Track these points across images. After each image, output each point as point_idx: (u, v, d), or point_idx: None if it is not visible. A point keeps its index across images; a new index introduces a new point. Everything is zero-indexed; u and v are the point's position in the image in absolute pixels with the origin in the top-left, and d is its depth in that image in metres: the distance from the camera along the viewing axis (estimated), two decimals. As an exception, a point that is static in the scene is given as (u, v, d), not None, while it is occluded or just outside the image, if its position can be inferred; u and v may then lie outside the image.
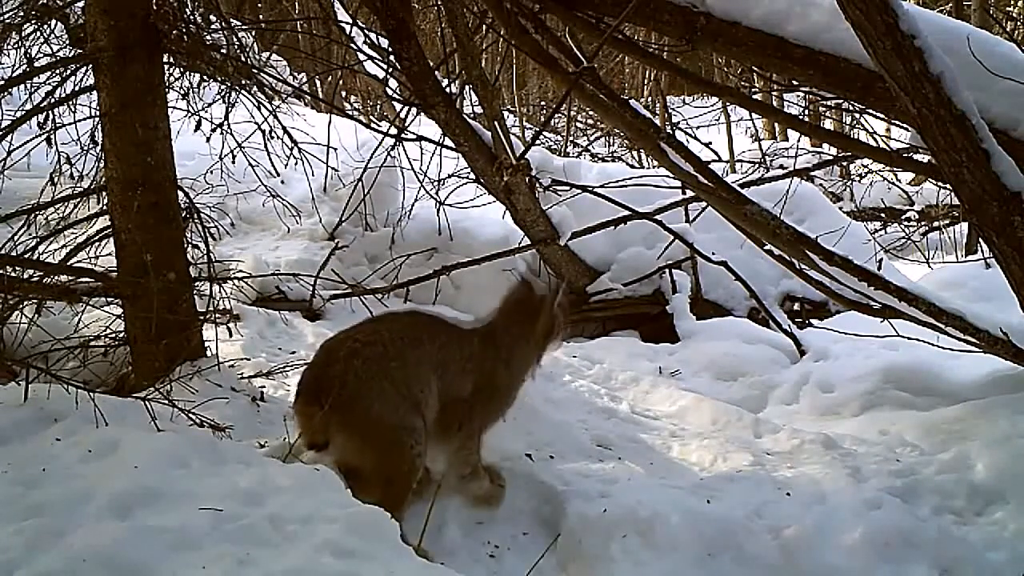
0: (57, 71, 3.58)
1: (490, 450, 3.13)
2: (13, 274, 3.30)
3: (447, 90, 5.37)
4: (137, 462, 2.34)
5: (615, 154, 12.35)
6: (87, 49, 3.36)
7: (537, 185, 5.57)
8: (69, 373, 3.28)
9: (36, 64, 3.58)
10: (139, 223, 3.36)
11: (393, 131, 5.92)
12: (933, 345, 4.07)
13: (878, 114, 4.32)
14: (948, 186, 3.59)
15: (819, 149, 10.85)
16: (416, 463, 2.79)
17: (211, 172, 4.73)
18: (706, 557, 2.82)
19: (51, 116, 3.62)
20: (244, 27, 5.03)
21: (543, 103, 14.42)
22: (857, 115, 7.06)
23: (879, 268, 3.97)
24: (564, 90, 4.68)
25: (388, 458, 2.76)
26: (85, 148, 3.86)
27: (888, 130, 9.55)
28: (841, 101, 4.77)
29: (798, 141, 11.10)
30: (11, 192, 3.98)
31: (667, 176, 5.32)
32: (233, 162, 4.45)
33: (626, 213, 5.77)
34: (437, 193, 5.97)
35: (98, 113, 3.45)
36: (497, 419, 3.18)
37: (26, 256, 3.52)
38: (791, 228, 3.85)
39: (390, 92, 6.23)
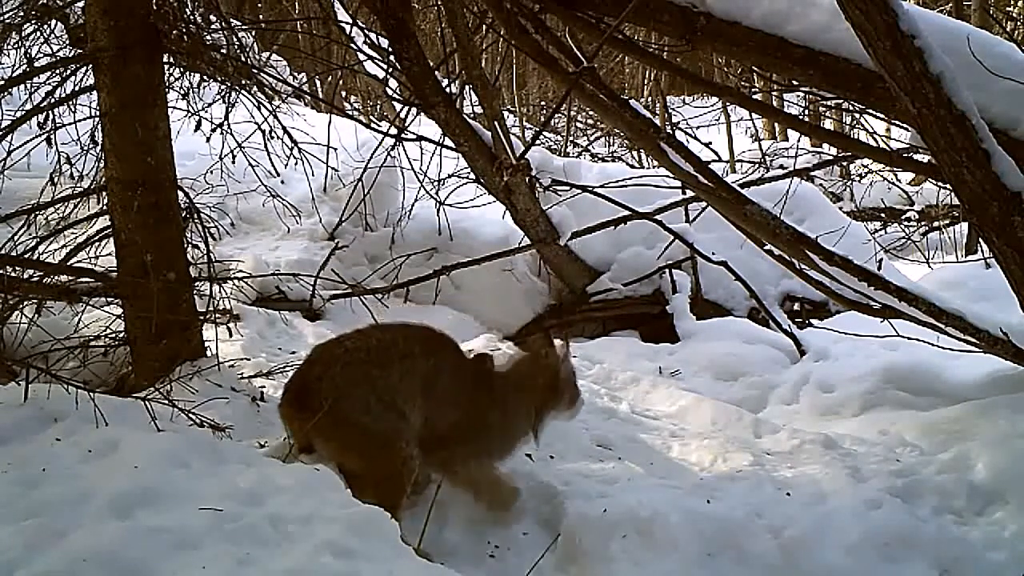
0: (57, 71, 3.58)
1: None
2: (13, 274, 3.30)
3: (447, 90, 5.37)
4: (137, 462, 2.34)
5: (615, 154, 12.35)
6: (87, 49, 3.36)
7: (537, 185, 5.58)
8: (69, 373, 3.28)
9: (36, 64, 3.58)
10: (139, 223, 3.36)
11: (393, 131, 5.93)
12: (933, 345, 4.07)
13: (878, 114, 4.32)
14: (948, 186, 3.59)
15: (819, 149, 10.85)
16: (409, 464, 2.74)
17: (211, 172, 4.73)
18: (706, 557, 2.82)
19: (51, 116, 3.62)
20: (244, 27, 5.03)
21: (543, 103, 14.42)
22: (857, 115, 7.06)
23: (879, 268, 3.98)
24: (564, 90, 4.69)
25: (374, 461, 2.72)
26: (85, 148, 3.86)
27: (888, 130, 9.55)
28: (841, 101, 4.77)
29: (798, 141, 11.10)
30: (11, 192, 3.97)
31: (667, 176, 5.33)
32: (233, 162, 4.45)
33: (626, 213, 5.78)
34: (437, 193, 5.97)
35: (98, 113, 3.45)
36: (487, 458, 3.03)
37: (26, 256, 3.52)
38: (791, 228, 3.85)
39: (390, 92, 6.24)
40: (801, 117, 9.38)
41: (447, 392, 2.93)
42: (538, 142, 8.38)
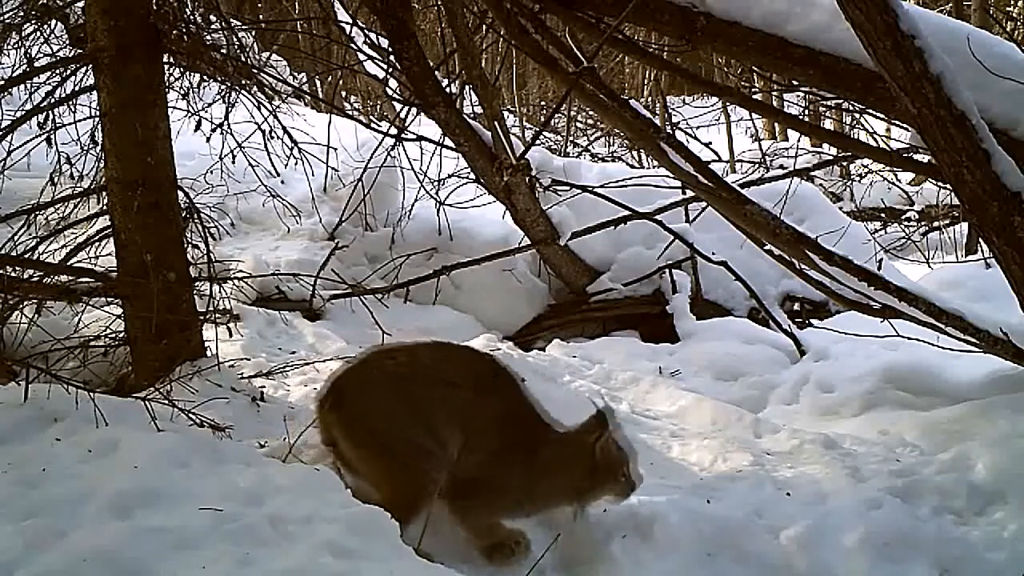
0: (57, 71, 3.58)
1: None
2: (13, 274, 3.30)
3: (447, 90, 5.37)
4: (137, 462, 2.34)
5: (615, 154, 12.35)
6: (87, 49, 3.36)
7: (537, 185, 5.58)
8: (69, 373, 3.28)
9: (36, 64, 3.58)
10: (139, 223, 3.36)
11: (393, 131, 5.93)
12: (933, 345, 4.07)
13: (878, 114, 4.32)
14: (948, 186, 3.59)
15: (819, 149, 10.85)
16: (428, 488, 2.64)
17: (211, 172, 4.73)
18: (706, 557, 2.82)
19: (51, 116, 3.62)
20: (244, 27, 5.03)
21: (543, 103, 14.41)
22: (857, 115, 7.07)
23: (879, 268, 3.97)
24: (564, 90, 4.69)
25: (394, 479, 2.65)
26: (85, 148, 3.87)
27: (888, 130, 9.56)
28: (841, 101, 4.77)
29: (798, 141, 11.10)
30: (11, 192, 3.98)
31: (667, 176, 5.33)
32: (233, 162, 4.45)
33: (626, 213, 5.78)
34: (437, 193, 5.97)
35: (98, 113, 3.45)
36: (497, 514, 2.79)
37: (26, 256, 3.52)
38: (791, 228, 3.85)
39: (390, 92, 6.24)
40: (801, 117, 9.38)
41: (484, 433, 2.73)
42: (538, 142, 8.38)
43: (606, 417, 2.78)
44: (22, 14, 3.60)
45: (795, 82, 4.35)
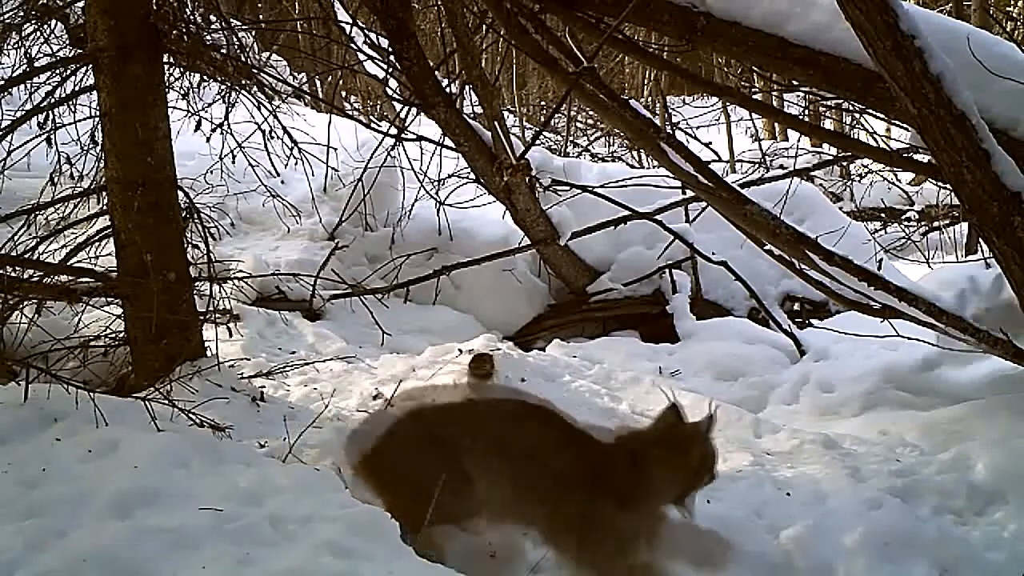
0: (57, 71, 3.59)
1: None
2: (13, 274, 3.31)
3: (447, 90, 5.37)
4: (137, 462, 2.34)
5: (615, 154, 12.35)
6: (87, 49, 3.37)
7: (537, 185, 5.58)
8: (69, 373, 3.28)
9: (36, 64, 3.58)
10: (139, 223, 3.36)
11: (393, 131, 5.93)
12: (933, 345, 4.07)
13: (878, 114, 4.32)
14: (948, 186, 3.59)
15: (819, 149, 10.84)
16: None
17: (211, 172, 4.73)
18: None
19: (51, 116, 3.63)
20: (244, 27, 5.03)
21: (543, 103, 14.41)
22: (857, 115, 7.07)
23: (879, 268, 3.97)
24: (564, 90, 4.68)
25: (408, 507, 2.63)
26: (85, 148, 3.87)
27: (888, 130, 9.55)
28: (841, 101, 4.77)
29: (798, 141, 11.09)
30: (11, 192, 3.98)
31: (667, 176, 5.33)
32: (233, 162, 4.46)
33: (626, 213, 5.78)
34: (437, 193, 5.98)
35: (98, 113, 3.45)
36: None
37: (26, 256, 3.52)
38: (791, 228, 3.85)
39: (390, 92, 6.24)
40: (801, 117, 9.38)
41: (532, 463, 2.65)
42: (538, 142, 8.38)
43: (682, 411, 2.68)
44: (22, 14, 3.60)
45: (795, 82, 4.34)
